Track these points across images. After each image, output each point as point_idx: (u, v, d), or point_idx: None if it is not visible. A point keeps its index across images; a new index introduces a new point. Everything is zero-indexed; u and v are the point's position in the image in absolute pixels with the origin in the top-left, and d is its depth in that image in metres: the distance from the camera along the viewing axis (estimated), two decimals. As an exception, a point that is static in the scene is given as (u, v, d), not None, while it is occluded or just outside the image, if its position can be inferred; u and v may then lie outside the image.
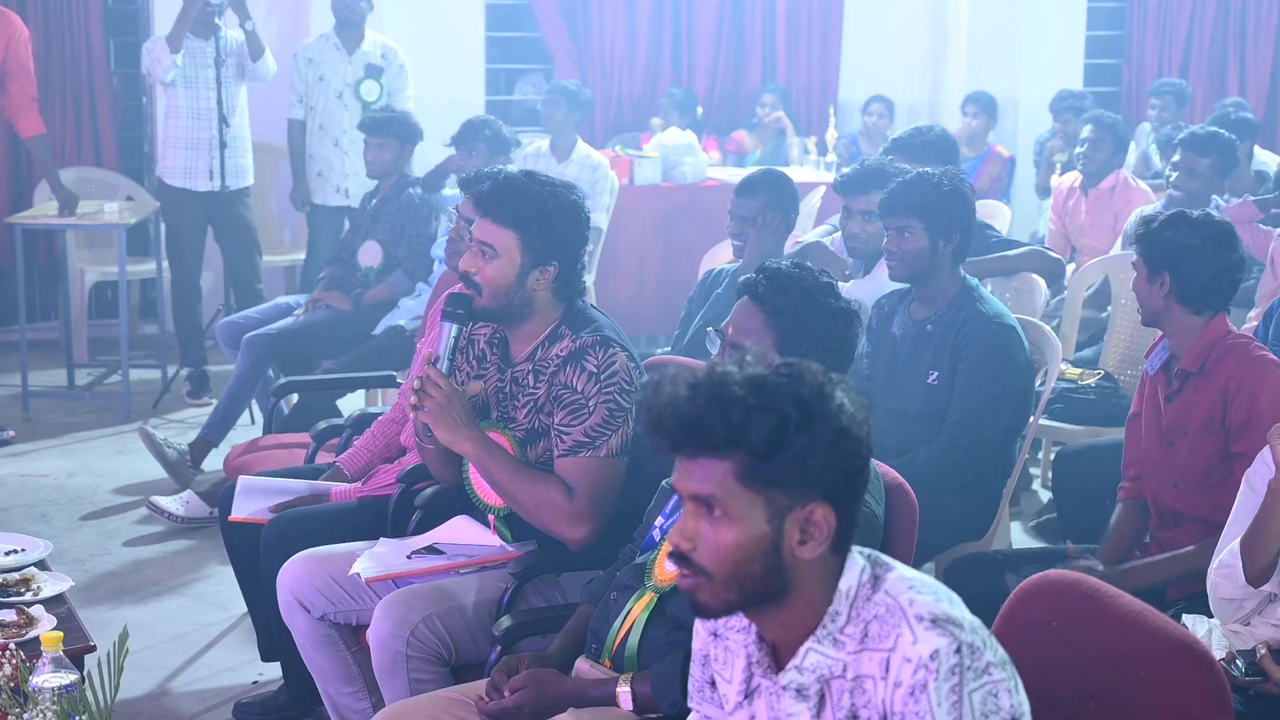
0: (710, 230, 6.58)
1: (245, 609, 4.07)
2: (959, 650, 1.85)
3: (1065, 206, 6.67)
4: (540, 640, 2.96)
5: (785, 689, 1.95)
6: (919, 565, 3.20)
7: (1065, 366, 5.04)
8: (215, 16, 6.51)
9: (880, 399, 4.02)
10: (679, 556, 1.91)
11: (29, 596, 3.19)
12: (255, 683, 4.10)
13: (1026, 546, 5.00)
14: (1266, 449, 2.91)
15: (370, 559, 3.21)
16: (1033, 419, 4.12)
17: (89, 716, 2.27)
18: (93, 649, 2.99)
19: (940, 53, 9.21)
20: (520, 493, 3.09)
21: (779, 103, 8.87)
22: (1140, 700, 2.21)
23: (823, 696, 1.93)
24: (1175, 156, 5.54)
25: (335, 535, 3.46)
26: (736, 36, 9.12)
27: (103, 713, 2.27)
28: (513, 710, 2.69)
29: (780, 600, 1.92)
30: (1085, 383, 5.04)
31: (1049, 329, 4.30)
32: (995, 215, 6.36)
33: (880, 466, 2.83)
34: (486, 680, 2.83)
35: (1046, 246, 6.15)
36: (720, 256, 5.56)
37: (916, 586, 1.92)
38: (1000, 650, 1.90)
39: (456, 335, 3.20)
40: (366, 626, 3.16)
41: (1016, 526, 5.20)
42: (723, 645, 2.08)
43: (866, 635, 1.90)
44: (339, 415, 4.80)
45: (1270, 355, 3.44)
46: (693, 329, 4.68)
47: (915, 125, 5.66)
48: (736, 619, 2.04)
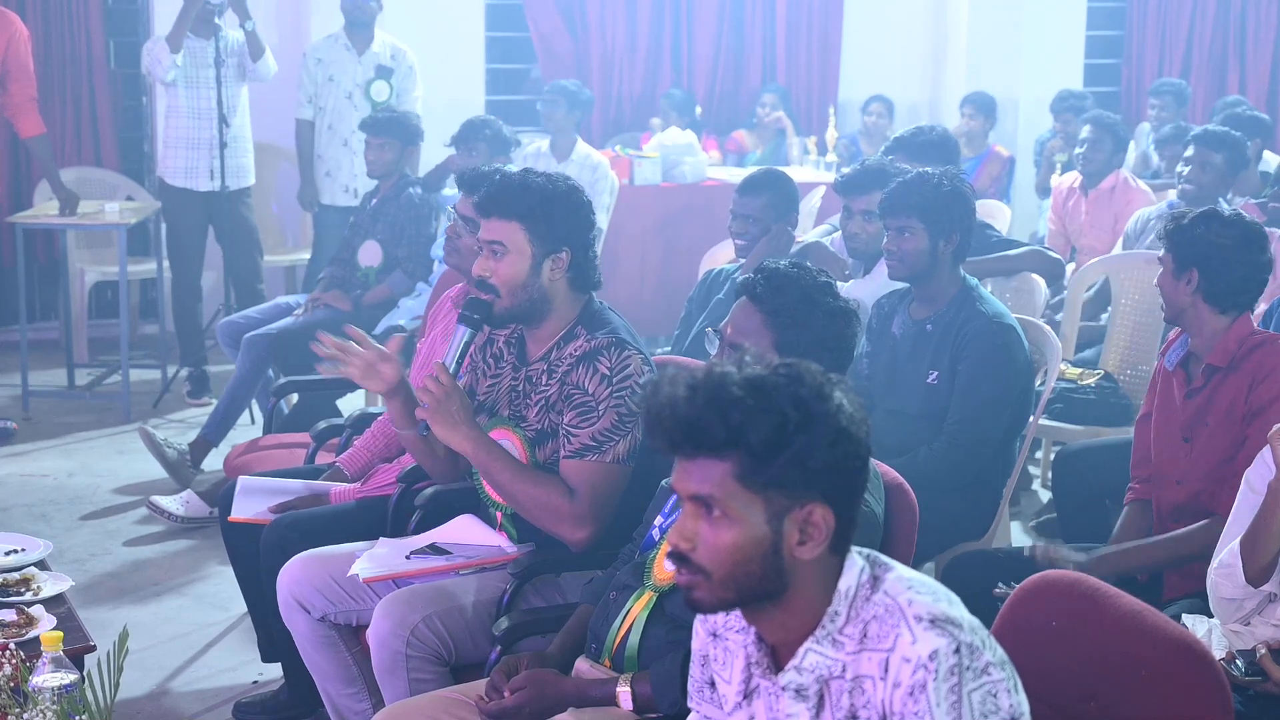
0: (710, 230, 6.58)
1: (245, 609, 4.07)
2: (958, 650, 1.85)
3: (1065, 207, 6.67)
4: (540, 640, 2.96)
5: (784, 689, 1.95)
6: (919, 565, 3.20)
7: (1065, 366, 5.04)
8: (215, 16, 6.51)
9: (880, 399, 4.02)
10: (678, 556, 1.91)
11: (29, 596, 3.19)
12: (255, 683, 4.10)
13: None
14: (1267, 449, 2.91)
15: (369, 559, 3.21)
16: (1033, 419, 4.12)
17: (89, 716, 2.27)
18: (93, 649, 2.98)
19: (940, 53, 9.21)
20: (520, 493, 3.09)
21: (779, 103, 8.87)
22: (1140, 700, 2.21)
23: (822, 697, 1.93)
24: (1187, 152, 5.54)
25: (335, 536, 3.46)
26: (736, 36, 9.12)
27: (103, 713, 2.27)
28: (513, 710, 2.69)
29: (779, 600, 1.92)
30: (1085, 383, 5.04)
31: (1049, 329, 4.30)
32: (995, 215, 6.36)
33: (880, 466, 2.83)
34: (486, 680, 2.83)
35: (1046, 246, 6.16)
36: (720, 256, 5.56)
37: (915, 587, 1.92)
38: (999, 650, 1.90)
39: (468, 340, 3.21)
40: (366, 627, 3.16)
41: (1016, 526, 5.20)
42: (722, 646, 2.08)
43: (866, 635, 1.90)
44: (339, 415, 4.80)
45: None
46: (694, 332, 4.68)
47: (915, 125, 5.66)
48: (735, 619, 2.04)
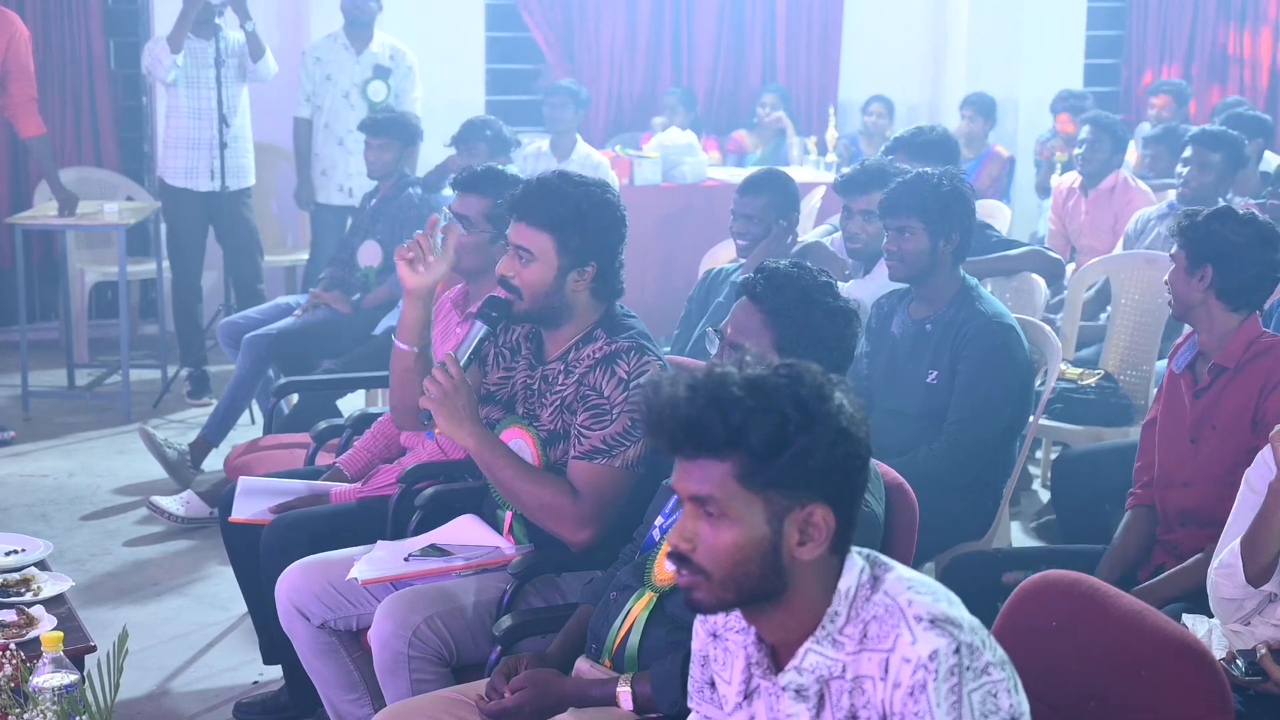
0: (710, 230, 6.58)
1: (245, 609, 4.07)
2: (958, 650, 1.85)
3: (1065, 207, 6.67)
4: (540, 640, 2.96)
5: (784, 690, 1.95)
6: (919, 565, 3.20)
7: (1065, 366, 5.04)
8: (216, 17, 6.51)
9: (880, 399, 4.02)
10: (678, 557, 1.91)
11: (29, 596, 3.19)
12: (255, 683, 4.10)
13: (1026, 546, 5.00)
14: (1267, 448, 2.91)
15: (367, 563, 3.21)
16: (1033, 419, 4.12)
17: (89, 716, 2.27)
18: (93, 649, 2.98)
19: (940, 53, 9.21)
20: (523, 492, 3.08)
21: (779, 103, 8.87)
22: (1140, 700, 2.21)
23: (822, 697, 1.93)
24: (1186, 153, 5.56)
25: (336, 536, 3.45)
26: (736, 36, 9.12)
27: (103, 713, 2.27)
28: (513, 710, 2.69)
29: (779, 600, 1.92)
30: (1085, 383, 5.04)
31: (1049, 329, 4.30)
32: (995, 215, 6.37)
33: (880, 466, 2.83)
34: (487, 680, 2.83)
35: (1046, 247, 6.16)
36: (721, 256, 5.56)
37: (915, 587, 1.92)
38: (999, 650, 1.90)
39: (483, 337, 3.20)
40: (367, 630, 3.16)
41: (1016, 526, 5.20)
42: (722, 646, 2.08)
43: (865, 636, 1.90)
44: (339, 415, 4.80)
45: None
46: (695, 334, 4.68)
47: (915, 125, 5.66)
48: (735, 619, 2.04)
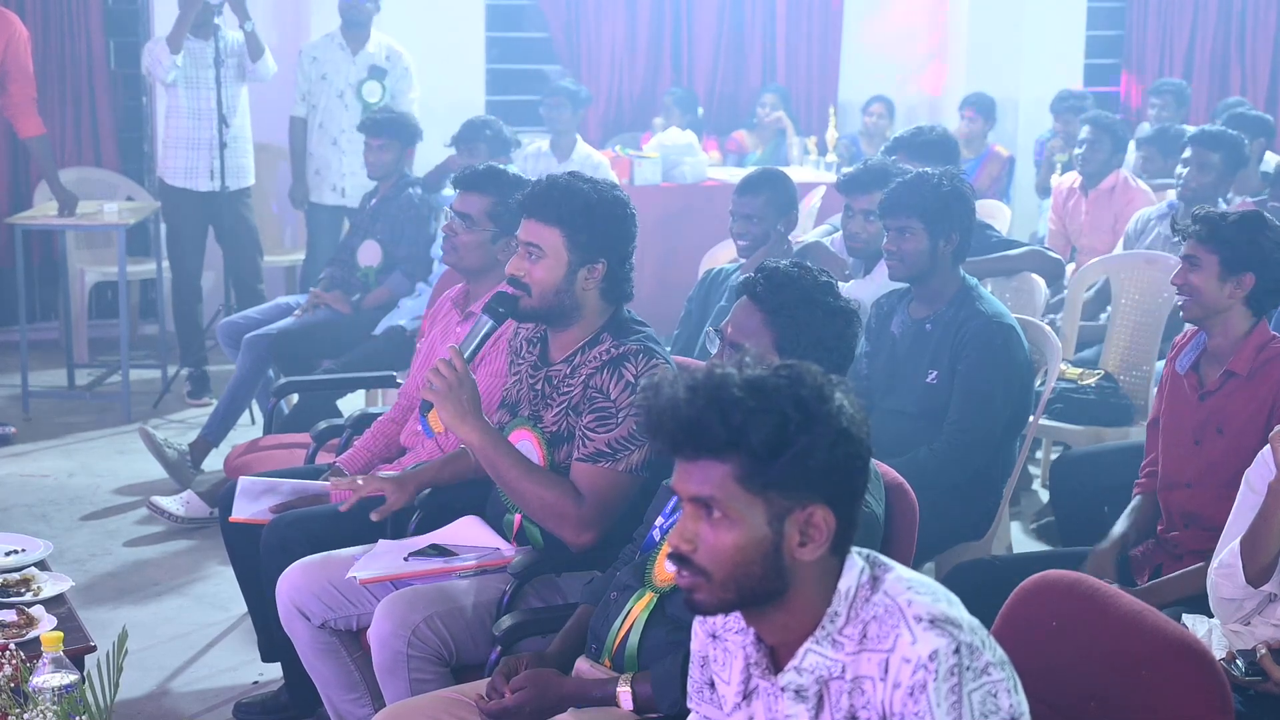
0: (710, 230, 6.58)
1: (245, 609, 4.07)
2: (958, 650, 1.85)
3: (1065, 207, 6.67)
4: (540, 640, 2.96)
5: (784, 690, 1.95)
6: (919, 565, 3.20)
7: (1065, 366, 5.04)
8: (214, 17, 6.51)
9: (880, 399, 4.02)
10: (678, 558, 1.91)
11: (29, 597, 3.19)
12: (255, 683, 4.10)
13: (1027, 551, 5.00)
14: (1267, 448, 2.91)
15: (367, 562, 3.21)
16: (1033, 419, 4.12)
17: (89, 717, 2.26)
18: (93, 649, 2.98)
19: (940, 53, 9.21)
20: (528, 491, 3.07)
21: (779, 103, 8.87)
22: (1140, 700, 2.21)
23: (821, 697, 1.93)
24: (1185, 153, 5.55)
25: (335, 536, 3.45)
26: (736, 36, 9.12)
27: (103, 713, 2.26)
28: (513, 710, 2.68)
29: (779, 601, 1.92)
30: (1085, 383, 5.04)
31: (1049, 329, 4.30)
32: (995, 215, 6.36)
33: (880, 466, 2.83)
34: (487, 680, 2.83)
35: (1047, 247, 6.16)
36: (720, 256, 5.56)
37: (915, 587, 1.92)
38: (999, 650, 1.90)
39: (488, 332, 3.21)
40: (367, 629, 3.15)
41: (1016, 526, 5.20)
42: (721, 646, 2.08)
43: (865, 636, 1.90)
44: (339, 415, 4.80)
45: None
46: (701, 339, 4.68)
47: (916, 125, 5.66)
48: (735, 620, 2.04)
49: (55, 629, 2.80)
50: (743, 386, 1.85)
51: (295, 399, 5.61)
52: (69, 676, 2.34)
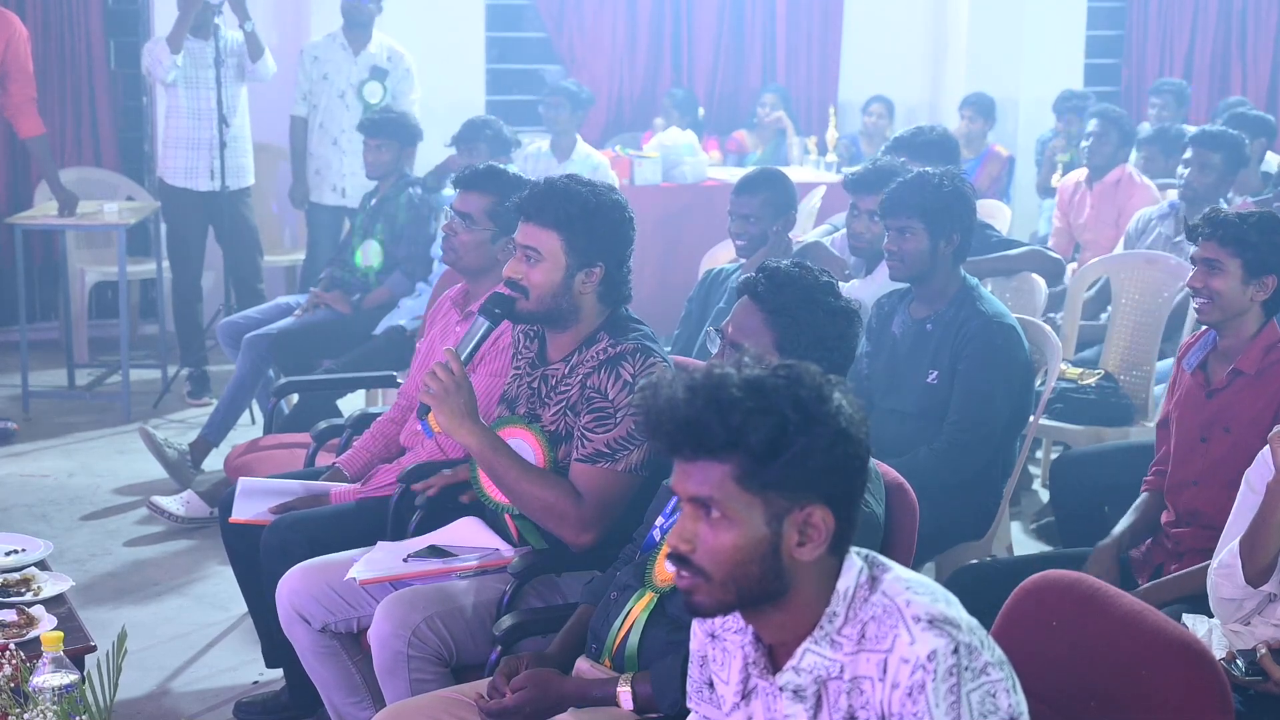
0: (710, 230, 6.58)
1: (245, 609, 4.07)
2: (956, 651, 1.85)
3: (1070, 202, 6.67)
4: (540, 640, 2.96)
5: (782, 690, 1.95)
6: (919, 565, 3.20)
7: (1065, 366, 5.03)
8: (214, 17, 6.51)
9: (880, 399, 4.02)
10: (677, 558, 1.91)
11: (29, 596, 3.19)
12: (255, 683, 4.10)
13: (1028, 551, 5.00)
14: (1267, 449, 2.91)
15: (366, 563, 3.20)
16: (1033, 419, 4.12)
17: (89, 717, 2.26)
18: (93, 649, 2.98)
19: (940, 53, 9.21)
20: (526, 493, 3.07)
21: (779, 103, 8.87)
22: (1140, 700, 2.21)
23: (820, 697, 1.93)
24: (1186, 154, 5.55)
25: (336, 537, 3.45)
26: (736, 36, 9.12)
27: (102, 713, 2.26)
28: (513, 710, 2.68)
29: (778, 601, 1.92)
30: (1085, 383, 5.04)
31: (1049, 329, 4.30)
32: (995, 215, 6.36)
33: (880, 466, 2.82)
34: (487, 680, 2.83)
35: (1048, 246, 6.16)
36: (721, 256, 5.56)
37: (914, 587, 1.92)
38: (998, 650, 1.90)
39: (485, 334, 3.20)
40: (367, 631, 3.15)
41: (1016, 526, 5.20)
42: (720, 646, 2.08)
43: (864, 636, 1.90)
44: (339, 415, 4.80)
45: None
46: (701, 338, 4.68)
47: (916, 125, 5.66)
48: (734, 620, 2.04)
49: (55, 629, 2.79)
50: (741, 387, 1.85)
51: (295, 399, 5.61)
52: (69, 676, 2.34)
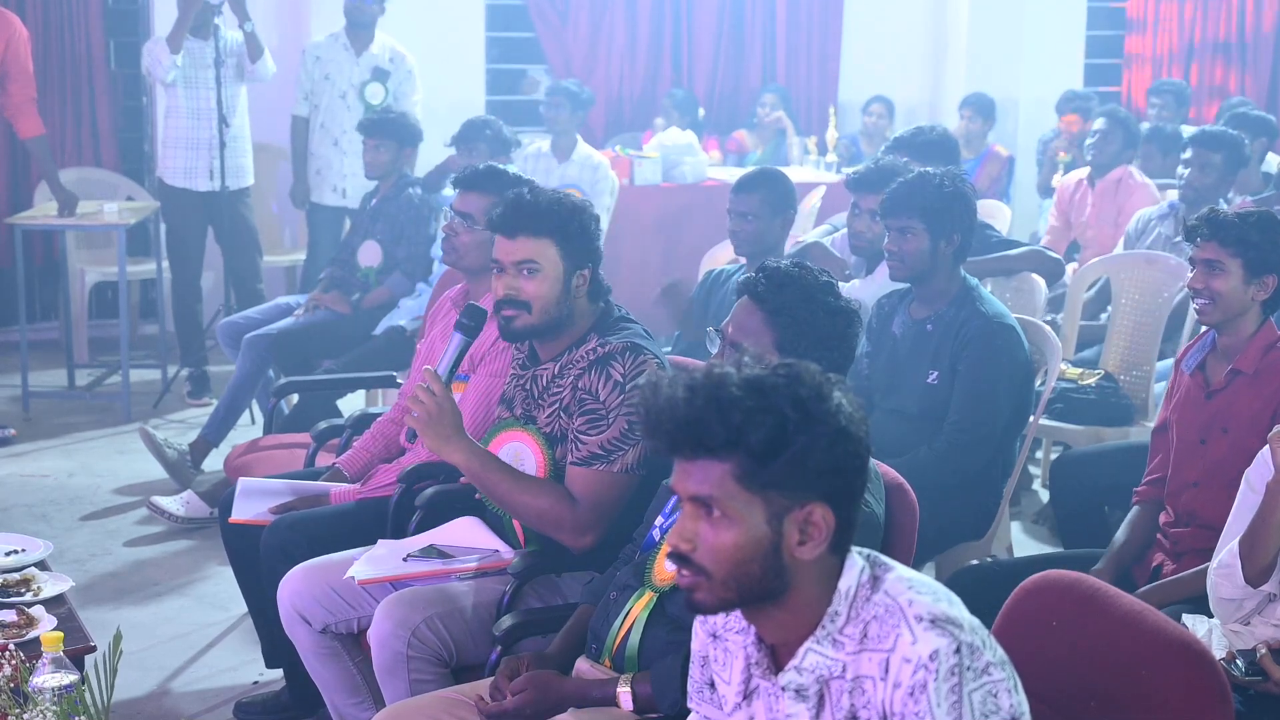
0: (710, 230, 6.58)
1: (245, 609, 4.07)
2: (958, 650, 1.84)
3: (1072, 200, 6.68)
4: (540, 640, 2.96)
5: (784, 689, 1.95)
6: (919, 565, 3.19)
7: (1065, 366, 5.04)
8: (214, 17, 6.51)
9: (880, 399, 4.02)
10: (678, 557, 1.91)
11: (29, 597, 3.19)
12: (255, 683, 4.10)
13: (1028, 552, 5.00)
14: (1266, 448, 2.91)
15: (366, 562, 3.20)
16: (1033, 419, 4.12)
17: (88, 717, 2.26)
18: (93, 649, 2.98)
19: (940, 53, 9.21)
20: (521, 504, 3.07)
21: (779, 103, 8.87)
22: (1140, 700, 2.21)
23: (822, 697, 1.93)
24: (1186, 154, 5.55)
25: (336, 537, 3.45)
26: (736, 36, 9.12)
27: (100, 714, 2.26)
28: (513, 713, 2.68)
29: (779, 600, 1.92)
30: (1085, 383, 5.04)
31: (1049, 329, 4.30)
32: (995, 215, 6.37)
33: (880, 466, 2.82)
34: (486, 680, 2.83)
35: (1045, 245, 6.16)
36: (720, 256, 5.56)
37: (916, 586, 1.92)
38: (999, 650, 1.90)
39: (463, 349, 3.18)
40: (367, 631, 3.15)
41: (1016, 526, 5.20)
42: (721, 646, 2.08)
43: (866, 636, 1.90)
44: (339, 415, 4.80)
45: None
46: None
47: (916, 125, 5.66)
48: (735, 620, 2.04)
49: (55, 629, 2.80)
50: (741, 386, 1.85)
51: (295, 399, 5.61)
52: (69, 676, 2.34)
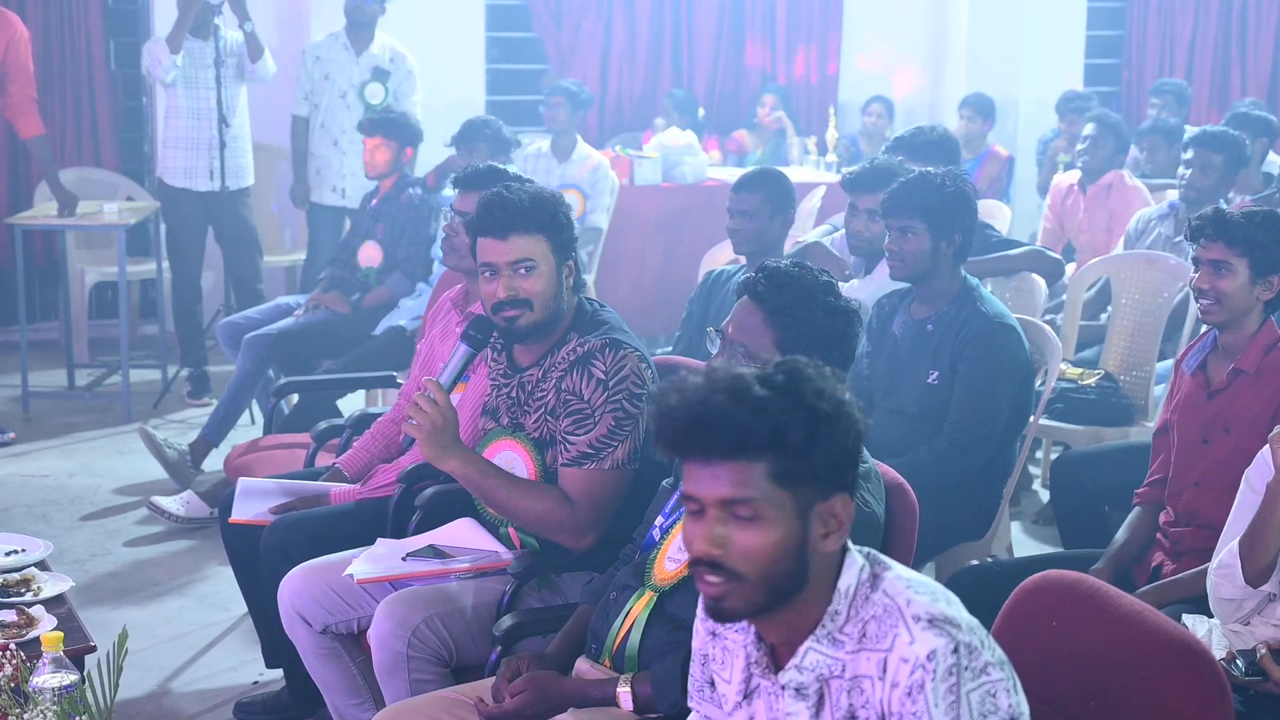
0: (710, 230, 6.58)
1: (245, 609, 4.07)
2: (956, 650, 1.85)
3: (1064, 205, 6.68)
4: (540, 640, 2.96)
5: (784, 688, 1.95)
6: (919, 565, 3.20)
7: (1065, 366, 5.03)
8: (214, 17, 6.51)
9: (880, 399, 4.02)
10: (707, 564, 1.88)
11: (29, 597, 3.19)
12: (255, 683, 4.10)
13: (1028, 552, 5.00)
14: (1267, 448, 2.91)
15: (366, 561, 3.20)
16: (1033, 419, 4.12)
17: (89, 717, 2.26)
18: (93, 649, 2.98)
19: (940, 53, 9.21)
20: (519, 509, 3.08)
21: (779, 103, 8.87)
22: (1140, 700, 2.21)
23: (821, 696, 1.93)
24: (1187, 154, 5.54)
25: (336, 538, 3.45)
26: (736, 36, 9.12)
27: (103, 713, 2.26)
28: (513, 714, 2.68)
29: (793, 598, 1.92)
30: (1085, 383, 5.04)
31: (1049, 329, 4.30)
32: (995, 215, 6.36)
33: (880, 466, 2.82)
34: (486, 680, 2.83)
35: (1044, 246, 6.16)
36: (720, 257, 5.56)
37: (914, 586, 1.92)
38: (998, 650, 1.90)
39: (467, 360, 3.17)
40: (367, 631, 3.15)
41: (1016, 526, 5.20)
42: (721, 645, 2.08)
43: (864, 635, 1.90)
44: (339, 415, 4.80)
45: None
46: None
47: (916, 125, 5.66)
48: (736, 619, 2.05)
49: (55, 629, 2.80)
50: (765, 384, 1.86)
51: (295, 399, 5.61)
52: (69, 676, 2.34)
